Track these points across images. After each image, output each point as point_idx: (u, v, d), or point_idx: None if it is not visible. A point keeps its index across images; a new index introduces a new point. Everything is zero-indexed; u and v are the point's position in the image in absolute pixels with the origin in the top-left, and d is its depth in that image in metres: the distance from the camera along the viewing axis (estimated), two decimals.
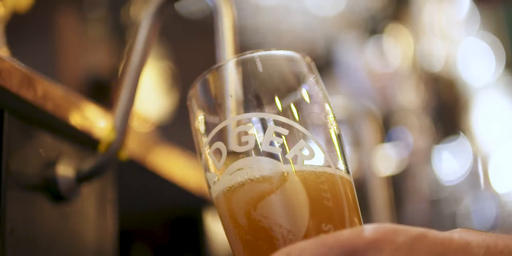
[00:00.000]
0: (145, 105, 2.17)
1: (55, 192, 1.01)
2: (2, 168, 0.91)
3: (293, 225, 0.71)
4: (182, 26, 2.92)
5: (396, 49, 4.02)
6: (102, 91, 2.10)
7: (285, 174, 0.72)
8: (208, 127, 0.78)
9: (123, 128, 1.04)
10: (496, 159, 4.54)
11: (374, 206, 2.06)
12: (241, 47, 0.96)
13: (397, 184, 3.25)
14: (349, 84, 3.65)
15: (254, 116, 0.75)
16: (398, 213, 3.11)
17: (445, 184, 4.14)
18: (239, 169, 0.73)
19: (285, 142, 0.73)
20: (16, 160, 0.94)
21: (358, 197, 0.77)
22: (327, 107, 0.79)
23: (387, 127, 3.54)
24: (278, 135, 0.73)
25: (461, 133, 4.51)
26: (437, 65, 4.47)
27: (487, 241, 0.63)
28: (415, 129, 3.76)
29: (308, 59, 0.81)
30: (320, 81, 0.80)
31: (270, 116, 0.74)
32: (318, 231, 0.71)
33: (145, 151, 1.35)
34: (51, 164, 1.01)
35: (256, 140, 0.73)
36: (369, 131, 2.21)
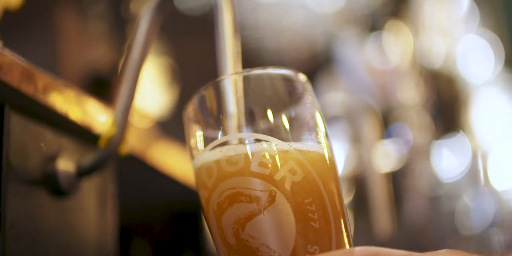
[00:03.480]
0: (145, 101, 2.18)
1: (55, 187, 1.01)
2: (3, 163, 0.91)
3: (279, 246, 0.71)
4: (181, 22, 2.92)
5: (396, 45, 4.02)
6: (102, 86, 2.10)
7: (273, 195, 0.72)
8: (202, 143, 0.78)
9: (123, 123, 1.04)
10: (495, 156, 4.54)
11: (374, 202, 2.06)
12: (241, 43, 0.96)
13: (397, 180, 3.25)
14: (349, 81, 3.65)
15: (246, 136, 0.76)
16: (398, 209, 3.11)
17: (445, 181, 4.14)
18: (229, 189, 0.74)
19: (275, 163, 0.73)
20: (16, 155, 0.94)
21: (357, 194, 0.77)
22: (320, 126, 0.79)
23: (386, 123, 3.53)
24: (269, 155, 0.74)
25: (461, 130, 4.51)
26: (436, 62, 4.47)
27: None
28: (414, 126, 3.75)
29: (303, 78, 0.81)
30: (315, 99, 0.81)
31: (261, 136, 0.75)
32: (304, 252, 0.71)
33: (145, 146, 1.36)
34: (52, 158, 1.02)
35: (246, 160, 0.74)
36: (369, 128, 2.21)
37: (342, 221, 0.75)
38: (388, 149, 3.31)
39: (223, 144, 0.76)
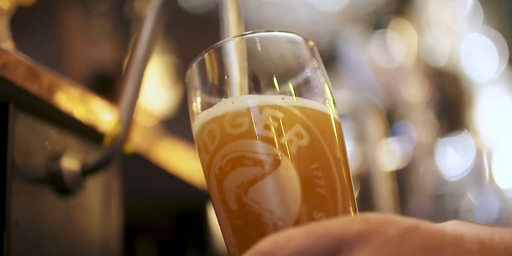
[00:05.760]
0: (149, 99, 2.18)
1: (60, 185, 1.01)
2: (8, 161, 0.91)
3: (283, 211, 0.69)
4: (186, 21, 2.92)
5: (400, 44, 4.02)
6: (107, 84, 2.10)
7: (278, 159, 0.70)
8: (204, 107, 0.76)
9: (128, 122, 1.04)
10: (499, 154, 4.54)
11: (378, 200, 2.06)
12: None
13: (401, 178, 3.25)
14: (353, 79, 3.65)
15: (250, 99, 0.73)
16: (402, 207, 3.10)
17: (449, 179, 4.14)
18: (232, 152, 0.72)
19: (280, 126, 0.71)
20: (21, 153, 0.94)
21: (362, 192, 0.76)
22: (327, 92, 0.78)
23: (391, 121, 3.53)
24: (274, 118, 0.72)
25: (465, 128, 4.51)
26: (440, 60, 4.47)
27: (481, 235, 0.61)
28: (419, 124, 3.76)
29: (311, 42, 0.79)
30: (322, 66, 0.79)
31: (266, 98, 0.73)
32: (310, 219, 0.69)
33: (150, 145, 1.36)
34: (56, 157, 1.02)
35: (250, 123, 0.72)
36: (373, 126, 2.21)
37: (348, 188, 0.73)
38: (393, 147, 3.31)
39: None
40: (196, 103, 0.78)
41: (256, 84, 0.75)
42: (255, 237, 0.69)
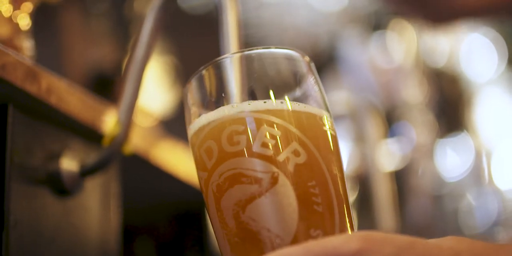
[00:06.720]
0: (148, 100, 2.18)
1: (59, 186, 1.01)
2: (6, 162, 0.91)
3: (281, 229, 0.70)
4: (185, 21, 2.92)
5: (399, 44, 4.01)
6: (106, 85, 2.10)
7: (276, 177, 0.71)
8: (201, 123, 0.77)
9: (127, 122, 1.04)
10: (498, 155, 4.53)
11: (377, 201, 2.05)
12: (245, 42, 0.96)
13: (400, 179, 3.25)
14: (353, 79, 3.64)
15: (248, 115, 0.74)
16: (401, 208, 3.10)
17: (448, 180, 4.14)
18: (229, 169, 0.72)
19: (278, 144, 0.72)
20: (20, 154, 0.94)
21: (361, 192, 0.76)
22: (324, 108, 0.78)
23: (390, 122, 3.53)
24: (271, 136, 0.72)
25: (464, 128, 4.51)
26: (440, 61, 4.47)
27: (476, 251, 0.62)
28: (418, 125, 3.75)
29: (307, 58, 0.80)
30: (319, 81, 0.79)
31: (263, 116, 0.73)
32: (307, 236, 0.70)
33: (149, 145, 1.35)
34: (55, 158, 1.02)
35: (248, 140, 0.72)
36: (372, 126, 2.21)
37: (345, 205, 0.74)
38: (392, 148, 3.30)
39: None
40: (194, 118, 0.78)
41: (253, 101, 0.75)
42: (253, 254, 0.70)
